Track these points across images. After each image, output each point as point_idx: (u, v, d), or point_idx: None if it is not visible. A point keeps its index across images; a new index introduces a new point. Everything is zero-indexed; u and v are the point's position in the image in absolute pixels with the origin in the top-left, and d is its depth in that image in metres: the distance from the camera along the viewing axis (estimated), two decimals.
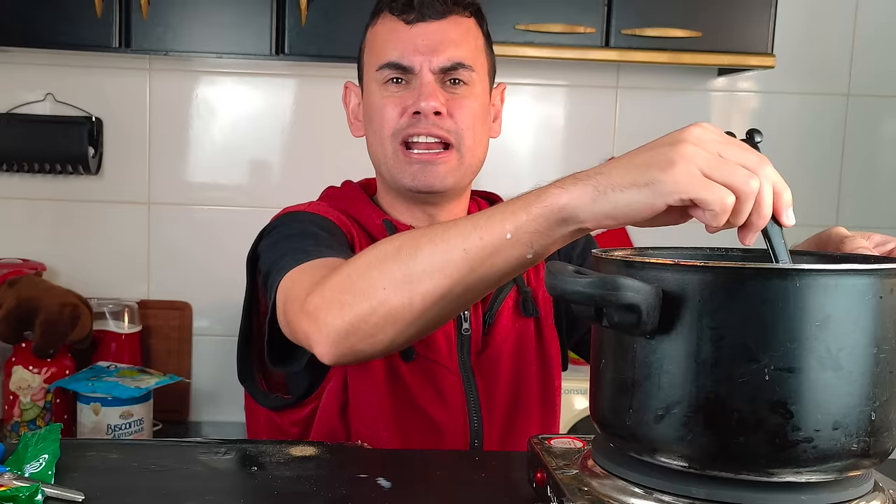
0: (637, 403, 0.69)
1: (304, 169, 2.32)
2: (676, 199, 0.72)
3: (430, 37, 1.14)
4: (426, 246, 0.84)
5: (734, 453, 0.65)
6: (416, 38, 1.14)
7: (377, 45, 1.17)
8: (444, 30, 1.15)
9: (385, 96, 1.15)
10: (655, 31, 2.04)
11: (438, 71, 1.14)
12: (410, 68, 1.14)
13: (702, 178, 0.71)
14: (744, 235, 0.74)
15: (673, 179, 0.71)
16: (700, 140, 0.73)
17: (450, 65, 1.14)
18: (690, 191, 0.71)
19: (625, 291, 0.66)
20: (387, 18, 1.17)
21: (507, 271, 0.83)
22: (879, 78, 2.44)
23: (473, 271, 0.82)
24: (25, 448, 0.86)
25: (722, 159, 0.72)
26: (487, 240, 0.81)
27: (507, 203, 0.82)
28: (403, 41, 1.14)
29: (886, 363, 0.66)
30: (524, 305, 1.22)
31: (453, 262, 0.82)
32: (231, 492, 0.85)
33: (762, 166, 0.73)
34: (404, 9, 1.14)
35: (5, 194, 2.28)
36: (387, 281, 0.85)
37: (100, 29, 1.94)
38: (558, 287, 0.68)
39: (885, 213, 2.46)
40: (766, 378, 0.64)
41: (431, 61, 1.13)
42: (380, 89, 1.16)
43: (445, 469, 0.94)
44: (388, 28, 1.16)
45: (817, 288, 0.64)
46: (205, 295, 2.31)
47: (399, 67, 1.14)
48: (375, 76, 1.17)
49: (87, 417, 1.95)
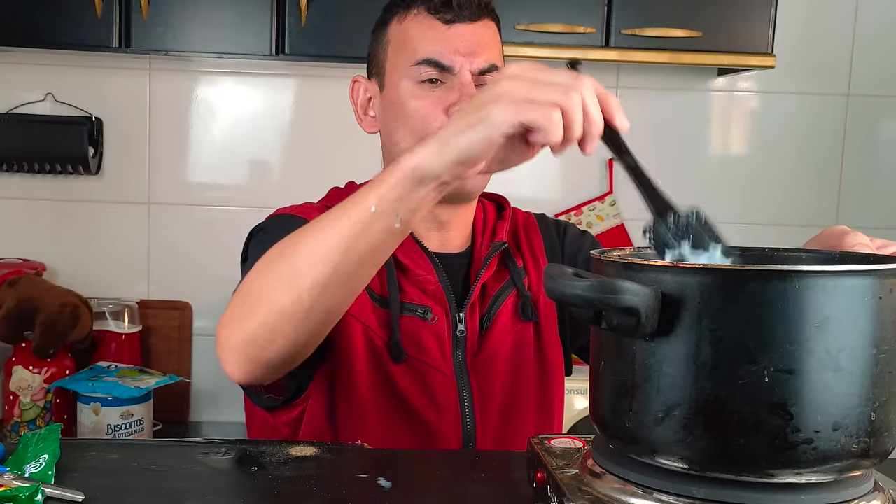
0: (637, 406, 0.69)
1: (304, 169, 2.32)
2: (507, 126, 0.79)
3: (468, 38, 1.14)
4: (304, 238, 0.88)
5: (734, 455, 0.65)
6: (454, 38, 1.13)
7: (411, 41, 1.15)
8: (480, 32, 1.15)
9: (421, 95, 1.14)
10: (655, 31, 2.04)
11: (477, 73, 1.13)
12: (451, 68, 1.13)
13: (525, 102, 0.78)
14: (584, 146, 0.81)
15: (499, 109, 0.79)
16: (515, 74, 0.81)
17: (486, 67, 1.14)
18: (518, 115, 0.78)
19: (623, 295, 0.66)
20: (421, 16, 1.15)
21: (381, 246, 0.87)
22: (879, 78, 2.44)
23: (350, 251, 0.86)
24: (25, 448, 0.86)
25: (539, 82, 0.79)
26: (355, 218, 0.85)
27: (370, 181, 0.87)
28: (442, 40, 1.13)
29: (886, 363, 0.66)
30: (523, 310, 1.22)
31: (329, 248, 0.86)
32: (231, 492, 0.85)
33: (579, 80, 0.79)
34: (441, 8, 1.14)
35: (5, 194, 2.28)
36: (275, 282, 0.89)
37: (100, 29, 1.94)
38: (556, 290, 0.68)
39: (885, 213, 2.46)
40: (765, 380, 0.64)
41: (472, 63, 1.13)
42: (414, 87, 1.14)
43: (445, 469, 0.94)
44: (423, 25, 1.15)
45: (816, 289, 0.64)
46: (205, 295, 2.31)
47: (439, 66, 1.13)
48: (409, 72, 1.14)
49: (87, 417, 1.95)
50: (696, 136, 2.44)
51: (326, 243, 0.86)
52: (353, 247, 0.86)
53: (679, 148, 2.44)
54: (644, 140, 2.49)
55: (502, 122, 0.79)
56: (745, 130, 2.47)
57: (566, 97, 0.78)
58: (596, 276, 0.68)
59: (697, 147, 2.45)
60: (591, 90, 0.80)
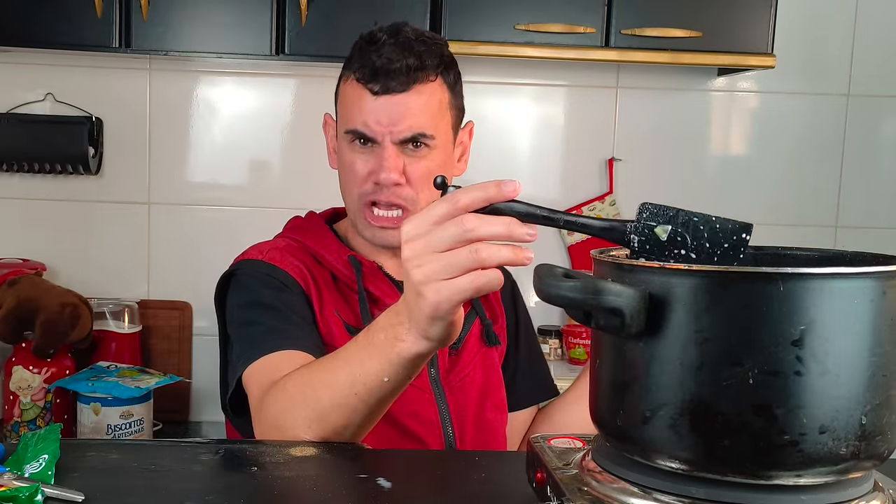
0: (626, 405, 0.70)
1: (304, 169, 2.32)
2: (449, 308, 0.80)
3: (392, 109, 1.19)
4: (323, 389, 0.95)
5: (719, 456, 0.65)
6: (379, 110, 1.19)
7: (346, 106, 1.24)
8: (406, 102, 1.19)
9: (354, 153, 1.24)
10: (655, 31, 2.04)
11: (399, 141, 1.20)
12: (373, 139, 1.21)
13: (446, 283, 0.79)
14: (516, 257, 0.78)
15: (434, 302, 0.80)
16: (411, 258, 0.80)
17: (410, 135, 1.20)
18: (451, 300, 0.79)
19: (606, 295, 0.66)
20: (355, 83, 1.22)
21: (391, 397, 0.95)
22: (879, 78, 2.44)
23: (367, 404, 0.93)
24: (25, 448, 0.86)
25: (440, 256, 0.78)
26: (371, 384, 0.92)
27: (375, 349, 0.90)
28: (367, 112, 1.20)
29: (878, 367, 0.65)
30: (487, 336, 1.32)
31: (350, 403, 0.93)
32: (231, 492, 0.85)
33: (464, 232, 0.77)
34: (370, 79, 1.19)
35: (5, 194, 2.28)
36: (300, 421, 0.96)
37: (100, 29, 1.94)
38: (543, 290, 0.68)
39: (885, 213, 2.46)
40: (750, 381, 0.64)
41: (393, 133, 1.20)
42: (349, 146, 1.24)
43: (445, 469, 0.94)
44: (355, 94, 1.22)
45: (801, 291, 0.63)
46: (205, 295, 2.28)
47: (363, 137, 1.21)
48: (344, 136, 1.25)
49: (87, 417, 1.95)
50: (696, 136, 2.44)
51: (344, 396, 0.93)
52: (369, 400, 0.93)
53: (679, 148, 2.44)
54: (644, 140, 2.50)
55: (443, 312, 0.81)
56: (745, 130, 2.47)
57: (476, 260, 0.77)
58: (583, 277, 0.67)
59: (697, 147, 2.45)
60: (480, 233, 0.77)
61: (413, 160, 1.22)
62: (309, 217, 1.36)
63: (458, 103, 1.28)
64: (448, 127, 1.26)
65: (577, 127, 2.41)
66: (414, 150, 1.22)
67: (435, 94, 1.22)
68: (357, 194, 1.24)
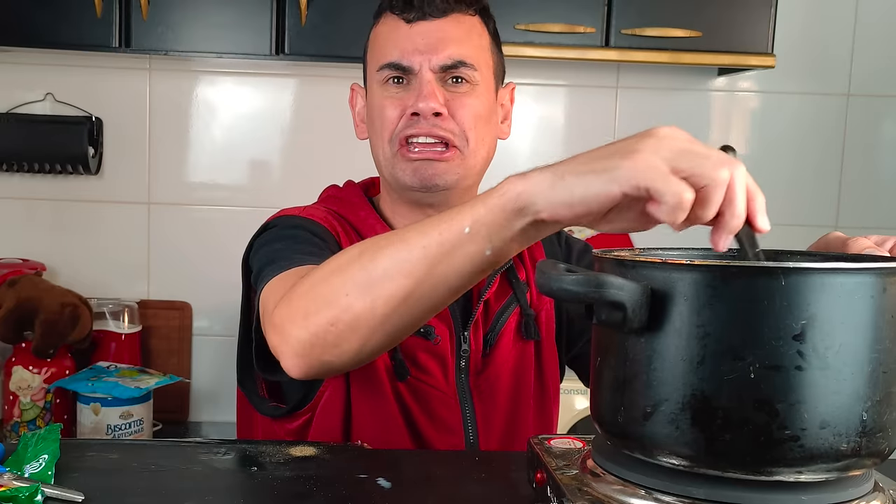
0: (627, 401, 0.70)
1: (304, 169, 2.32)
2: (632, 185, 0.69)
3: (430, 35, 1.12)
4: (387, 247, 0.83)
5: (721, 451, 0.65)
6: (415, 37, 1.12)
7: (378, 46, 1.16)
8: (445, 28, 1.12)
9: (385, 97, 1.14)
10: (655, 31, 2.04)
11: (439, 70, 1.12)
12: (410, 68, 1.12)
13: (662, 169, 0.68)
14: (716, 237, 0.70)
15: (632, 165, 0.69)
16: (667, 135, 0.71)
17: (450, 63, 1.12)
18: (646, 178, 0.68)
19: (608, 289, 0.66)
20: (388, 18, 1.15)
21: (467, 271, 0.81)
22: (879, 78, 2.44)
23: (434, 269, 0.80)
24: (25, 448, 0.86)
25: (688, 150, 0.69)
26: (446, 235, 0.79)
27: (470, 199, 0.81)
28: (403, 40, 1.12)
29: (879, 363, 0.66)
30: (526, 328, 1.20)
31: (413, 261, 0.80)
32: (231, 492, 0.85)
33: (733, 163, 0.69)
34: (405, 7, 1.13)
35: (5, 194, 2.28)
36: (349, 286, 0.83)
37: (100, 29, 1.94)
38: (545, 284, 0.68)
39: (885, 213, 2.46)
40: (751, 376, 0.64)
41: (431, 60, 1.11)
42: (380, 90, 1.15)
43: (445, 469, 0.94)
44: (389, 27, 1.15)
45: (803, 286, 0.64)
46: (205, 295, 2.31)
47: (398, 67, 1.13)
48: (376, 76, 1.15)
49: (87, 418, 1.95)
50: (696, 136, 2.40)
51: (410, 256, 0.81)
52: (438, 266, 0.80)
53: None
54: None
55: (627, 178, 0.69)
56: (746, 130, 2.47)
57: (714, 171, 0.68)
58: (585, 271, 0.68)
59: None
60: (743, 179, 0.69)
61: (455, 96, 1.12)
62: (347, 186, 1.25)
63: (499, 54, 1.19)
64: (490, 71, 1.16)
65: (577, 127, 2.41)
66: (455, 86, 1.12)
67: (475, 29, 1.15)
68: (390, 135, 1.13)
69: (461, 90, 1.13)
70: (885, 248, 0.86)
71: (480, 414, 1.16)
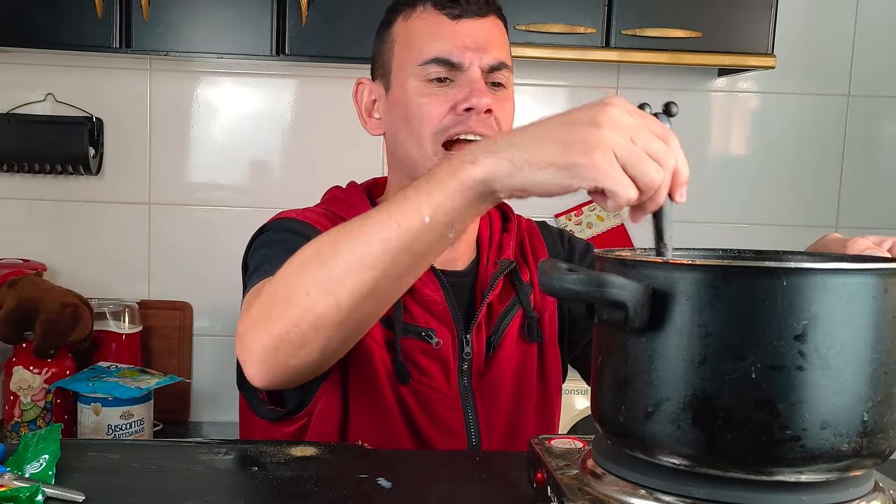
0: (629, 400, 0.70)
1: (304, 169, 2.32)
2: (590, 184, 0.73)
3: (476, 34, 1.10)
4: (344, 242, 0.82)
5: (722, 450, 0.66)
6: (462, 34, 1.10)
7: (417, 39, 1.12)
8: (487, 28, 1.11)
9: (426, 94, 1.10)
10: (655, 32, 2.04)
11: (487, 69, 1.10)
12: (460, 65, 1.09)
13: (618, 169, 0.72)
14: (635, 216, 0.77)
15: (592, 165, 0.73)
16: (617, 124, 0.74)
17: (497, 63, 1.11)
18: (604, 180, 0.73)
19: (610, 288, 0.66)
20: (427, 12, 1.12)
21: (429, 255, 0.82)
22: (879, 78, 2.44)
23: (396, 260, 0.80)
24: (26, 448, 0.86)
25: (636, 150, 0.73)
26: (405, 226, 0.79)
27: (419, 183, 0.80)
28: (450, 36, 1.10)
29: (881, 363, 0.66)
30: (529, 331, 1.19)
31: (374, 255, 0.80)
32: (231, 492, 0.85)
33: (668, 155, 0.74)
34: (448, 3, 1.10)
35: (5, 194, 2.28)
36: (310, 285, 0.83)
37: (100, 29, 1.94)
38: (547, 284, 0.68)
39: (885, 213, 2.46)
40: (752, 376, 0.64)
41: (482, 59, 1.09)
42: (421, 86, 1.11)
43: (445, 469, 0.94)
44: (429, 21, 1.11)
45: (804, 287, 0.64)
46: (205, 295, 2.31)
47: (448, 63, 1.10)
48: (416, 71, 1.11)
49: (87, 418, 1.95)
50: (696, 136, 2.44)
51: (370, 249, 0.80)
52: (400, 256, 0.80)
53: None
54: None
55: (588, 178, 0.73)
56: (746, 131, 2.47)
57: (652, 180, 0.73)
58: (587, 271, 0.68)
59: (698, 147, 2.45)
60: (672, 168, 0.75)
61: (497, 100, 1.10)
62: (349, 188, 1.23)
63: None
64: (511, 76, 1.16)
65: None
66: (494, 89, 1.11)
67: (504, 33, 1.14)
68: (433, 132, 1.09)
69: (499, 94, 1.12)
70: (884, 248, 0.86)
71: (483, 416, 1.16)
